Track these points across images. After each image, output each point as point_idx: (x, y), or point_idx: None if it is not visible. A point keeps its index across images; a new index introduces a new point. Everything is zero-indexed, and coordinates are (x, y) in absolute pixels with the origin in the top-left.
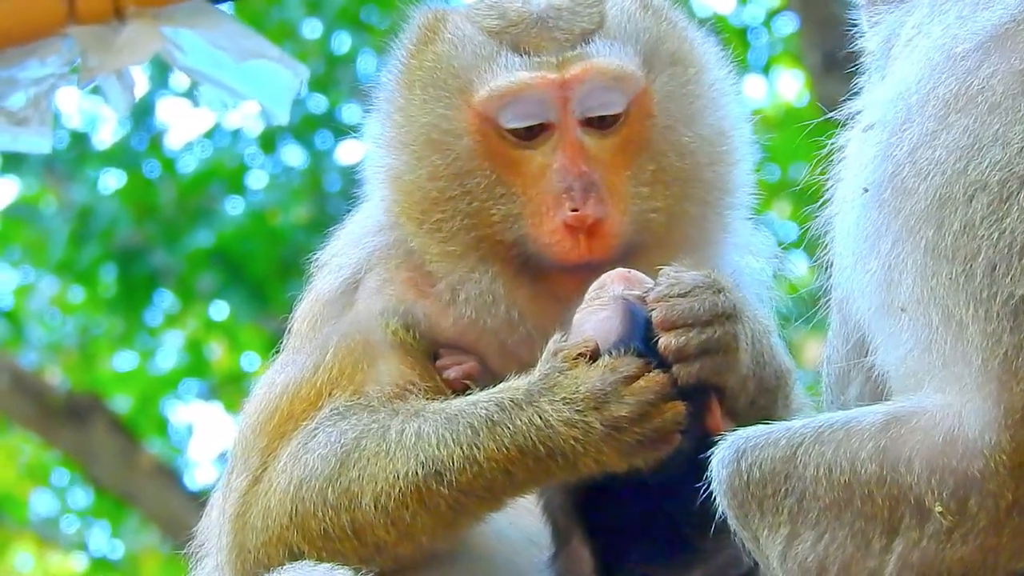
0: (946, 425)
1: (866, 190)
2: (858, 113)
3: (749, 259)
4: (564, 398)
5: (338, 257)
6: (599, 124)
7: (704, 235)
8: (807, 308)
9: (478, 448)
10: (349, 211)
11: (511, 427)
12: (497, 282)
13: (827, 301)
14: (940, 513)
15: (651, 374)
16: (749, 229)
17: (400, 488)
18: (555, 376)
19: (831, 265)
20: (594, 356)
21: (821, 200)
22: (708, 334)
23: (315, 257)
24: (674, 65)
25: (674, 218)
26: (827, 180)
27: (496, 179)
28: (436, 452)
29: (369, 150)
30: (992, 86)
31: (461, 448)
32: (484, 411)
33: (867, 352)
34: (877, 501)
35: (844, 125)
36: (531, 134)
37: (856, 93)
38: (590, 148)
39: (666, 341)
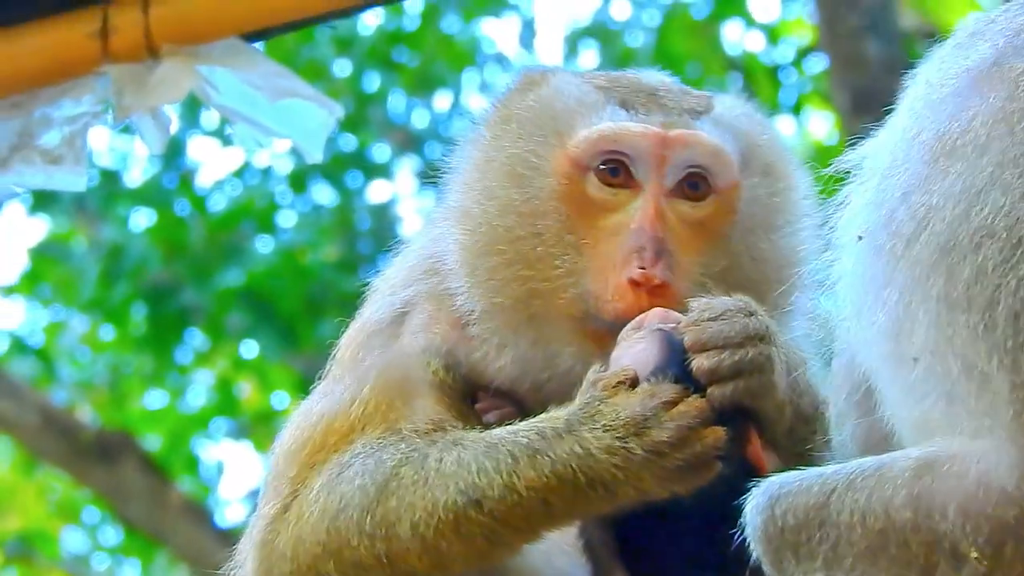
0: (979, 473)
1: (860, 237)
2: (861, 160)
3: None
4: (605, 425)
5: (390, 286)
6: (687, 195)
7: None
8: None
9: (518, 477)
10: (379, 249)
11: (552, 456)
12: (539, 345)
13: (828, 345)
14: (976, 559)
15: (690, 399)
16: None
17: (439, 517)
18: (595, 405)
19: (832, 308)
20: (633, 384)
21: (822, 246)
22: (740, 355)
23: (369, 281)
24: (766, 175)
25: None
26: (827, 226)
27: (569, 226)
28: (476, 480)
29: (444, 186)
30: (975, 128)
31: (501, 476)
32: (525, 439)
33: (872, 401)
34: (912, 547)
35: (848, 173)
36: (617, 186)
37: (860, 141)
38: (671, 219)
39: (699, 363)
